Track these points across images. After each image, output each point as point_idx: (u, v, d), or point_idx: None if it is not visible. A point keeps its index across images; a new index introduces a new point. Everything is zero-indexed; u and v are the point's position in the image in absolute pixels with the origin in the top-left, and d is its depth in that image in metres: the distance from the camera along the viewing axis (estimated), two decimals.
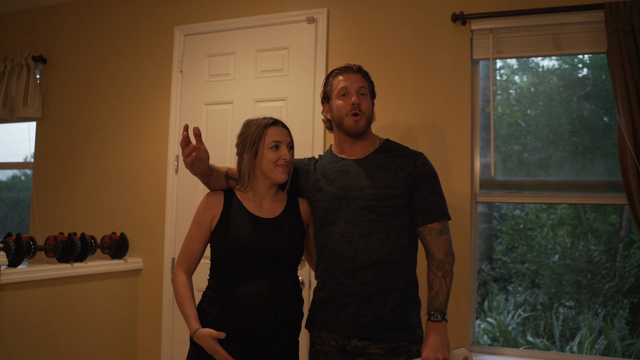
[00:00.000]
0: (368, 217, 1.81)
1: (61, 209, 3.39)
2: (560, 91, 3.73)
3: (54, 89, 3.51)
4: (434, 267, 1.78)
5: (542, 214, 4.26)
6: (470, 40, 2.62)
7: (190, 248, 1.88)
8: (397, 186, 1.82)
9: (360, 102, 1.88)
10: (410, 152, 1.92)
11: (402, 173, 1.84)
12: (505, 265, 4.33)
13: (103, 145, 3.33)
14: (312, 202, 1.93)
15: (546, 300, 3.92)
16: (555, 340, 3.61)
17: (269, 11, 2.99)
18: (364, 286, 1.77)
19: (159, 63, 3.23)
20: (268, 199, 1.91)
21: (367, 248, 1.78)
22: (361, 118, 1.88)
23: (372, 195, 1.82)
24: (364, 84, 1.92)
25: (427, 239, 1.82)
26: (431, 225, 1.81)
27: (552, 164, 3.28)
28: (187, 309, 1.80)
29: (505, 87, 4.03)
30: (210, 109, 3.08)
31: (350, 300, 1.78)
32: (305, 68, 2.89)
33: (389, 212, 1.81)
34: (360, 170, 1.88)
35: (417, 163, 1.86)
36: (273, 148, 1.85)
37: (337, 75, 1.94)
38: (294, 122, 2.88)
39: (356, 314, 1.77)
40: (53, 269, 2.60)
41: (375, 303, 1.77)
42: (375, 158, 1.90)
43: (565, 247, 4.08)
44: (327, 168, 1.95)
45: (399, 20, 2.75)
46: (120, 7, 3.38)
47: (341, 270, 1.80)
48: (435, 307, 1.75)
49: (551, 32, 2.51)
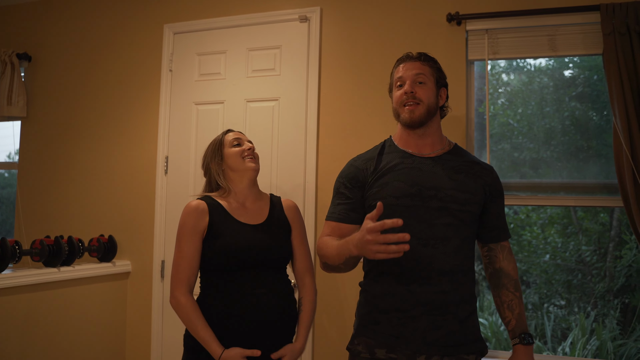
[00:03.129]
0: (446, 219, 1.64)
1: (47, 210, 3.30)
2: (552, 91, 3.73)
3: (40, 88, 3.42)
4: (511, 287, 1.71)
5: (532, 214, 4.26)
6: (466, 40, 2.59)
7: (187, 265, 1.82)
8: (476, 193, 1.70)
9: (415, 90, 1.71)
10: (484, 162, 1.83)
11: (480, 181, 1.72)
12: None
13: (90, 146, 3.25)
14: (373, 201, 1.68)
15: (537, 300, 3.92)
16: (547, 341, 3.61)
17: (261, 9, 2.94)
18: (439, 295, 1.60)
19: (148, 62, 3.16)
20: (250, 199, 1.96)
21: (445, 253, 1.62)
22: (416, 107, 1.70)
23: (451, 197, 1.65)
24: (422, 71, 1.74)
25: (498, 256, 1.75)
26: (504, 243, 1.76)
27: (544, 164, 3.27)
28: (205, 333, 1.76)
29: (496, 87, 4.02)
30: (200, 109, 3.02)
31: (421, 310, 1.60)
32: (297, 67, 2.84)
33: (466, 217, 1.67)
34: (435, 169, 1.71)
35: (494, 175, 1.78)
36: (235, 145, 1.97)
37: (397, 66, 1.80)
38: (287, 122, 2.83)
39: (429, 327, 1.59)
40: (39, 274, 2.53)
41: (450, 315, 1.61)
42: (451, 159, 1.75)
43: (555, 247, 4.08)
44: (395, 162, 1.73)
45: (394, 19, 2.71)
46: (108, 3, 3.30)
47: (412, 276, 1.61)
48: (523, 329, 1.69)
49: (547, 34, 2.50)
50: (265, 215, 1.94)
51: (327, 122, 2.78)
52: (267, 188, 2.82)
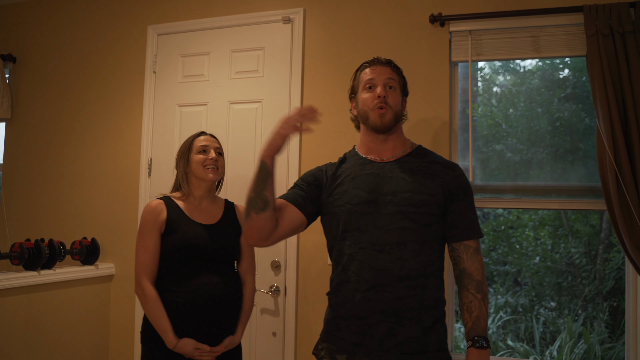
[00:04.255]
0: (401, 223, 1.62)
1: (31, 212, 3.28)
2: (542, 92, 3.70)
3: (24, 89, 3.39)
4: (472, 289, 1.63)
5: (524, 215, 4.24)
6: (449, 42, 2.56)
7: (151, 257, 2.01)
8: (434, 193, 1.66)
9: (387, 95, 1.72)
10: (446, 161, 1.79)
11: (439, 181, 1.69)
12: (487, 266, 4.31)
13: (74, 147, 3.23)
14: (332, 208, 1.71)
15: (527, 302, 3.90)
16: (535, 344, 3.59)
17: (244, 10, 2.91)
18: (395, 302, 1.58)
19: (132, 63, 3.13)
20: (206, 203, 2.14)
21: (401, 258, 1.60)
22: (387, 112, 1.71)
23: (406, 200, 1.63)
24: (392, 76, 1.76)
25: (462, 256, 1.67)
26: (467, 242, 1.67)
27: (533, 165, 3.25)
28: (164, 322, 1.95)
29: (486, 88, 3.99)
30: (184, 111, 3.00)
31: (378, 318, 1.59)
32: (281, 69, 2.82)
33: (423, 220, 1.64)
34: (392, 173, 1.70)
35: (456, 173, 1.73)
36: (201, 152, 2.10)
37: (365, 68, 1.79)
38: (270, 124, 2.81)
39: (386, 334, 1.58)
40: (18, 277, 2.50)
41: (407, 322, 1.58)
42: (409, 161, 1.74)
43: (546, 249, 4.06)
44: (353, 170, 1.75)
45: (377, 20, 2.68)
46: (92, 5, 3.28)
47: (369, 283, 1.60)
48: (479, 332, 1.58)
49: (531, 35, 2.47)
50: (218, 217, 2.13)
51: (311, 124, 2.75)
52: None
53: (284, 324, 2.70)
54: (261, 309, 2.75)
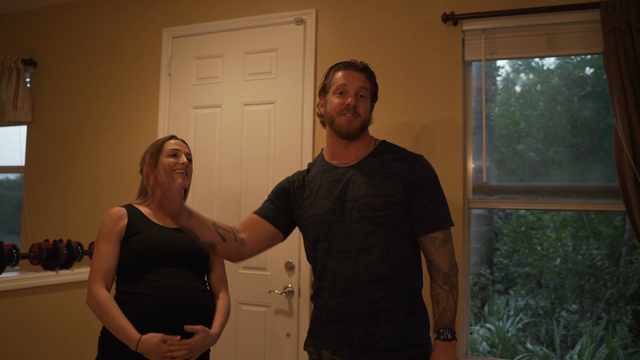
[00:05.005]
0: (365, 229, 1.65)
1: (51, 213, 3.35)
2: (562, 90, 3.63)
3: (44, 93, 3.47)
4: (439, 281, 1.64)
5: (544, 216, 4.16)
6: (462, 41, 2.53)
7: (105, 264, 1.86)
8: (394, 193, 1.67)
9: (357, 104, 1.73)
10: (409, 154, 1.77)
11: (398, 178, 1.69)
12: (507, 268, 4.23)
13: (92, 149, 3.28)
14: (302, 220, 1.77)
15: (548, 305, 3.82)
16: (555, 348, 3.51)
17: (257, 12, 2.92)
18: (369, 304, 1.63)
19: (147, 66, 3.18)
20: None
21: (368, 263, 1.64)
22: (355, 120, 1.72)
23: (367, 205, 1.66)
24: (365, 85, 1.76)
25: (429, 249, 1.67)
26: (434, 234, 1.66)
27: (552, 165, 3.18)
28: (122, 321, 1.78)
29: (504, 87, 3.93)
30: (198, 113, 3.02)
31: (355, 320, 1.64)
32: (293, 70, 2.82)
33: (387, 221, 1.65)
34: (354, 177, 1.72)
35: (416, 166, 1.71)
36: (171, 156, 2.00)
37: (339, 70, 1.78)
38: (283, 125, 2.81)
39: (364, 334, 1.63)
40: (37, 277, 2.56)
41: (382, 321, 1.63)
42: (370, 163, 1.75)
43: (567, 251, 3.97)
44: (319, 179, 1.79)
45: (389, 20, 2.67)
46: (109, 10, 3.33)
47: (342, 289, 1.66)
48: (444, 325, 1.60)
49: (545, 33, 2.42)
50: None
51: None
52: (264, 191, 2.81)
53: (298, 324, 2.70)
54: (275, 310, 2.76)
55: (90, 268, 1.87)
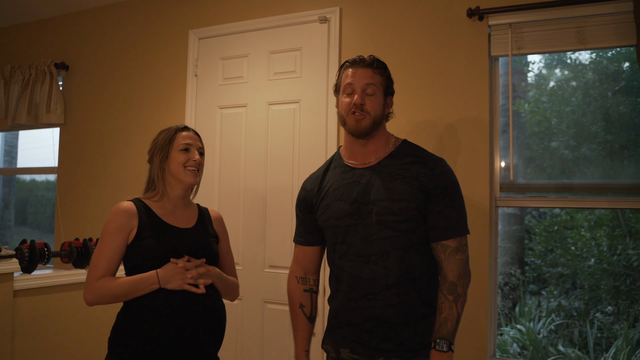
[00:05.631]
0: (383, 233, 1.64)
1: (83, 213, 3.44)
2: (596, 86, 3.52)
3: (76, 95, 3.56)
4: (445, 290, 1.62)
5: (578, 215, 4.04)
6: (488, 36, 2.48)
7: (106, 264, 1.75)
8: (412, 198, 1.64)
9: (364, 102, 1.69)
10: (429, 157, 1.71)
11: (417, 184, 1.65)
12: (539, 268, 4.14)
13: (122, 150, 3.35)
14: (321, 223, 1.78)
15: (582, 306, 3.71)
16: (589, 351, 3.41)
17: (281, 12, 2.93)
18: (386, 309, 1.63)
19: (174, 67, 3.22)
20: (181, 208, 1.90)
21: (386, 268, 1.63)
22: (364, 118, 1.68)
23: (386, 209, 1.64)
24: (373, 81, 1.70)
25: (440, 257, 1.64)
26: (445, 242, 1.63)
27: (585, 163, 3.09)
28: (129, 277, 1.73)
29: (537, 84, 3.83)
30: (224, 113, 3.05)
31: (372, 324, 1.65)
32: (318, 69, 2.81)
33: (405, 226, 1.64)
34: (372, 180, 1.69)
35: (435, 172, 1.66)
36: (183, 150, 1.86)
37: (347, 69, 1.75)
38: (307, 124, 2.81)
39: (382, 338, 1.64)
40: (67, 275, 2.62)
41: (400, 326, 1.63)
42: (389, 165, 1.71)
43: (602, 250, 3.85)
44: (336, 181, 1.77)
45: (413, 17, 2.63)
46: (136, 14, 3.40)
47: (360, 292, 1.66)
48: (442, 335, 1.58)
49: (575, 25, 2.35)
50: (193, 222, 1.91)
51: None
52: (289, 190, 2.81)
53: (323, 323, 2.70)
54: None
55: (89, 267, 1.77)
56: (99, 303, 1.76)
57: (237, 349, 2.89)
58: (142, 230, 1.79)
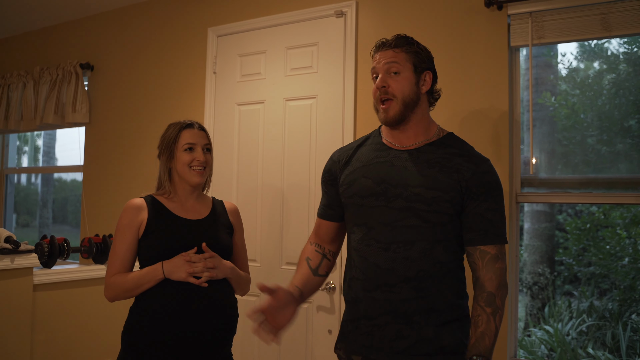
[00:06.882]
0: (409, 221, 1.49)
1: (107, 209, 3.50)
2: (629, 78, 3.38)
3: (100, 95, 3.62)
4: (482, 301, 1.47)
5: (612, 212, 3.88)
6: (508, 26, 2.40)
7: (120, 263, 1.80)
8: (448, 190, 1.50)
9: (387, 83, 1.56)
10: (475, 154, 1.58)
11: (456, 176, 1.51)
12: (570, 267, 3.99)
13: (142, 147, 3.40)
14: (343, 199, 1.64)
15: (615, 307, 3.56)
16: (622, 354, 3.27)
17: (298, 7, 2.91)
18: (402, 304, 1.49)
19: (194, 65, 3.24)
20: (191, 201, 1.91)
21: (407, 258, 1.48)
22: (390, 106, 1.56)
23: (417, 196, 1.49)
24: (395, 59, 1.56)
25: (477, 263, 1.50)
26: (485, 247, 1.49)
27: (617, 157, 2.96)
28: (138, 271, 1.78)
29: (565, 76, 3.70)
30: (242, 109, 3.05)
31: (386, 319, 1.50)
32: (334, 64, 2.78)
33: (435, 218, 1.49)
34: (407, 163, 1.55)
35: (480, 169, 1.53)
36: (187, 150, 1.86)
37: (374, 53, 1.64)
38: (324, 120, 2.78)
39: (395, 336, 1.49)
40: (85, 270, 2.67)
41: (417, 325, 1.48)
42: (428, 151, 1.57)
43: (638, 249, 3.69)
44: (368, 156, 1.63)
45: (430, 8, 2.57)
46: (157, 13, 3.44)
47: (375, 282, 1.51)
48: (479, 351, 1.42)
49: (599, 12, 2.24)
50: (205, 213, 1.91)
51: (364, 118, 2.69)
52: (305, 186, 2.79)
53: (340, 321, 2.66)
54: (317, 307, 2.73)
55: (107, 266, 1.83)
56: (116, 298, 1.83)
57: (253, 345, 2.88)
58: (151, 224, 1.81)
